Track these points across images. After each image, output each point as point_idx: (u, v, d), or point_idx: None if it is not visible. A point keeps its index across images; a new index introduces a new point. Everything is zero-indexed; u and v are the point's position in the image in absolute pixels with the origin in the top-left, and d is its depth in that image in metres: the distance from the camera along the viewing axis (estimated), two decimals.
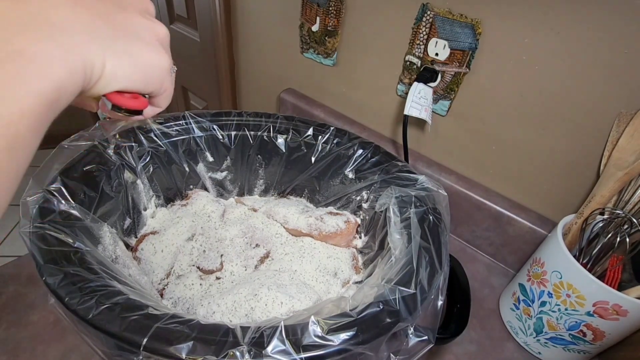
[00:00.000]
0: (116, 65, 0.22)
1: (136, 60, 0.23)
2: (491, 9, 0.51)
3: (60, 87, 0.18)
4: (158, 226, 0.50)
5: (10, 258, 0.57)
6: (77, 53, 0.19)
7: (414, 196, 0.44)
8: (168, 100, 0.29)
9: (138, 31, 0.24)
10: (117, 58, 0.22)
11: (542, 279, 0.49)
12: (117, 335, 0.27)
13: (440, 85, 0.60)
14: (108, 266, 0.35)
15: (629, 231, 0.43)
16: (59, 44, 0.18)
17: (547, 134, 0.54)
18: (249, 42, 0.89)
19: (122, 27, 0.23)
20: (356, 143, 0.52)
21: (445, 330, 0.40)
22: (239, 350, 0.26)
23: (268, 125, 0.54)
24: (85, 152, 0.42)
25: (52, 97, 0.18)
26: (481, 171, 0.64)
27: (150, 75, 0.25)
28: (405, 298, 0.32)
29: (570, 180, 0.55)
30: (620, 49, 0.44)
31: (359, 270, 0.50)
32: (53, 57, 0.18)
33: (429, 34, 0.57)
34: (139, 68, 0.24)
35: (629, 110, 0.47)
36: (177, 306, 0.43)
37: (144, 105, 0.26)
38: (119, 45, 0.22)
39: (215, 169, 0.55)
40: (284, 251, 0.49)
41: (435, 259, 0.36)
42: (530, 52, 0.50)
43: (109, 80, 0.22)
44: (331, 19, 0.67)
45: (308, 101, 0.79)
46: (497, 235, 0.63)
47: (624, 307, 0.42)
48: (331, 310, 0.32)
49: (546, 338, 0.50)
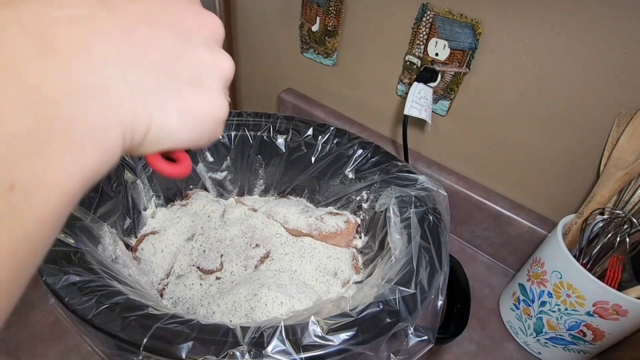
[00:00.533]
0: (163, 124, 0.17)
1: (189, 114, 0.19)
2: (491, 9, 0.51)
3: (90, 177, 0.14)
4: (158, 226, 0.50)
5: None
6: (116, 124, 0.15)
7: (414, 196, 0.44)
8: (210, 143, 0.24)
9: (199, 74, 0.19)
10: (166, 115, 0.17)
11: (542, 279, 0.49)
12: (117, 335, 0.27)
13: (440, 85, 0.60)
14: (108, 266, 0.35)
15: (629, 231, 0.43)
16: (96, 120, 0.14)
17: (547, 134, 0.54)
18: (249, 42, 0.89)
19: (180, 72, 0.18)
20: (356, 143, 0.52)
21: (445, 330, 0.40)
22: (239, 350, 0.26)
23: (268, 125, 0.54)
24: None
25: (79, 187, 0.14)
26: (481, 171, 0.64)
27: (203, 129, 0.20)
28: (405, 298, 0.32)
29: (570, 180, 0.55)
30: (620, 49, 0.44)
31: (359, 270, 0.50)
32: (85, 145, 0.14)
33: (429, 34, 0.57)
34: (191, 123, 0.19)
35: (629, 110, 0.47)
36: (177, 306, 0.43)
37: (186, 170, 0.22)
38: (172, 97, 0.18)
39: (215, 169, 0.55)
40: (284, 251, 0.49)
41: (435, 259, 0.36)
42: (530, 52, 0.50)
43: (150, 143, 0.18)
44: (331, 19, 0.67)
45: (308, 101, 0.79)
46: (497, 235, 0.63)
47: (624, 307, 0.42)
48: (331, 310, 0.32)
49: (546, 338, 0.50)
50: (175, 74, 0.18)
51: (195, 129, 0.19)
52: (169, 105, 0.18)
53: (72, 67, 0.13)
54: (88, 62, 0.14)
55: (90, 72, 0.14)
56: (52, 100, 0.13)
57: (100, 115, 0.14)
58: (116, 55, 0.15)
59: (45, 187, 0.12)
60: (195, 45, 0.19)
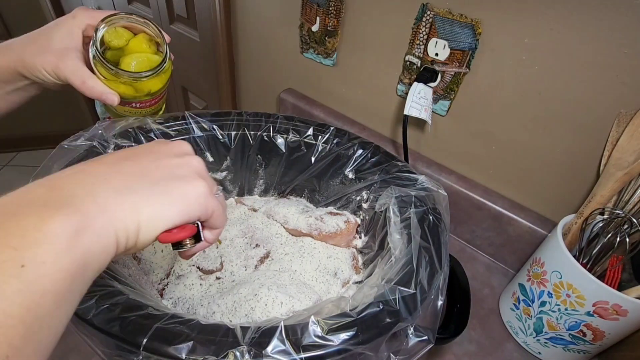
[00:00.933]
0: (153, 212, 0.24)
1: (172, 197, 0.25)
2: (491, 9, 0.51)
3: (86, 263, 0.20)
4: None
5: None
6: (104, 226, 0.21)
7: (414, 196, 0.43)
8: (221, 219, 0.29)
9: (173, 170, 0.26)
10: (151, 205, 0.24)
11: (542, 279, 0.49)
12: (117, 335, 0.27)
13: (440, 85, 0.60)
14: (108, 266, 0.35)
15: (629, 231, 0.43)
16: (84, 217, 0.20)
17: (547, 134, 0.54)
18: (249, 42, 0.89)
19: (156, 175, 0.25)
20: (356, 143, 0.52)
21: (445, 330, 0.40)
22: (239, 350, 0.26)
23: (268, 125, 0.53)
24: (85, 152, 0.42)
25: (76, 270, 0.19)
26: (481, 171, 0.64)
27: (188, 204, 0.26)
28: (405, 298, 0.32)
29: (570, 180, 0.55)
30: (620, 49, 0.44)
31: (359, 270, 0.50)
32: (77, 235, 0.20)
33: (429, 34, 0.57)
34: (176, 203, 0.25)
35: (629, 110, 0.47)
36: (177, 306, 0.43)
37: (192, 231, 0.27)
38: (155, 191, 0.24)
39: (215, 169, 0.55)
40: (284, 251, 0.49)
41: (435, 259, 0.36)
42: (530, 52, 0.50)
43: (149, 230, 0.23)
44: (331, 19, 0.67)
45: (308, 101, 0.79)
46: (497, 235, 0.63)
47: (623, 307, 0.42)
48: (331, 310, 0.32)
49: (546, 338, 0.50)
50: (153, 176, 0.25)
51: (183, 206, 0.25)
52: (154, 195, 0.24)
53: (75, 197, 0.21)
54: (86, 191, 0.21)
55: (88, 196, 0.21)
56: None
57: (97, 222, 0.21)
58: (104, 181, 0.23)
59: (45, 265, 0.18)
60: (167, 157, 0.27)
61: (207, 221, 0.28)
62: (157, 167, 0.26)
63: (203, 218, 0.28)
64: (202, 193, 0.27)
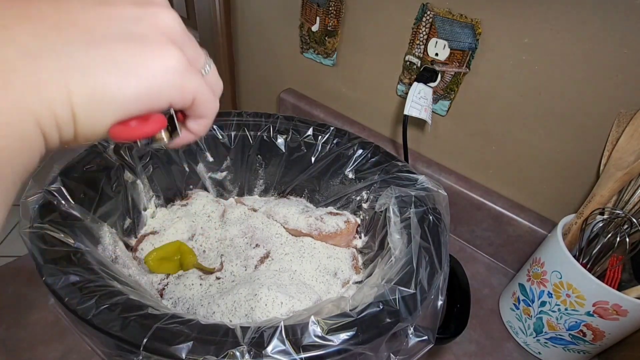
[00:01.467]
0: (92, 88, 0.16)
1: (123, 68, 0.16)
2: (491, 9, 0.51)
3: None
4: (158, 226, 0.50)
5: (10, 258, 0.57)
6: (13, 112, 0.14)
7: (414, 196, 0.44)
8: (207, 105, 0.21)
9: (126, 27, 0.17)
10: (88, 76, 0.16)
11: (542, 279, 0.49)
12: (117, 335, 0.27)
13: (440, 85, 0.60)
14: (108, 266, 0.35)
15: (629, 231, 0.43)
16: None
17: (547, 133, 0.54)
18: (249, 42, 0.89)
19: (97, 30, 0.16)
20: (356, 143, 0.52)
21: (445, 330, 0.40)
22: (239, 350, 0.26)
23: (268, 125, 0.53)
24: (85, 152, 0.42)
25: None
26: (481, 171, 0.64)
27: (155, 84, 0.17)
28: (405, 298, 0.32)
29: (570, 180, 0.55)
30: (620, 49, 0.44)
31: (359, 270, 0.50)
32: None
33: (429, 34, 0.57)
34: (130, 77, 0.17)
35: (629, 110, 0.47)
36: (177, 306, 0.43)
37: (159, 124, 0.19)
38: (92, 54, 0.16)
39: (215, 169, 0.55)
40: (284, 251, 0.49)
41: (435, 259, 0.36)
42: (530, 52, 0.50)
43: (90, 115, 0.16)
44: (331, 19, 0.67)
45: (308, 101, 0.79)
46: (497, 235, 0.63)
47: (623, 307, 0.42)
48: (331, 310, 0.32)
49: (546, 338, 0.50)
50: (89, 31, 0.16)
51: (136, 81, 0.17)
52: (95, 63, 0.16)
53: None
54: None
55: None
56: None
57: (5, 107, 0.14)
58: (5, 36, 0.14)
59: None
60: (119, 3, 0.17)
61: (187, 111, 0.21)
62: (99, 17, 0.17)
63: (178, 105, 0.19)
64: (172, 67, 0.18)
